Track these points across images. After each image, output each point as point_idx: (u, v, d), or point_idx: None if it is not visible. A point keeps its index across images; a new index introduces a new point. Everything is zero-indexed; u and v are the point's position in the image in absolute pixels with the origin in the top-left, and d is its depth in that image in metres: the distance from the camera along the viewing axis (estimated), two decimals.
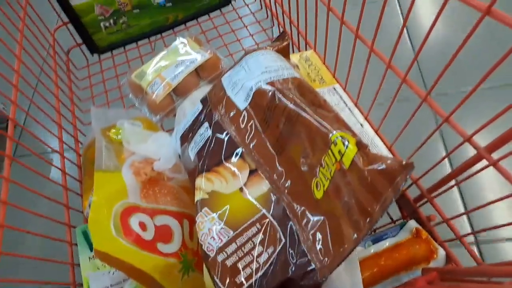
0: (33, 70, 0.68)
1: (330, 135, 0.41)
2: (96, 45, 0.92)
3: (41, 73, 0.71)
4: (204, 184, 0.51)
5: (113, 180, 0.56)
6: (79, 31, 0.89)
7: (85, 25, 0.88)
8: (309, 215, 0.42)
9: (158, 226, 0.55)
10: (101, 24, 0.90)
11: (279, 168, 0.47)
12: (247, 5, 1.00)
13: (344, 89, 0.63)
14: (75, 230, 0.62)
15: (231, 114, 0.54)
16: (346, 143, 0.39)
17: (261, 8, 0.99)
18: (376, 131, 0.56)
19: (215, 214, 0.48)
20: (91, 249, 0.60)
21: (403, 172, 0.34)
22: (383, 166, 0.36)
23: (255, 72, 0.54)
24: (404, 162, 0.35)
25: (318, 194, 0.42)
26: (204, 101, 0.60)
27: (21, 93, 0.62)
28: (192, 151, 0.56)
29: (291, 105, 0.47)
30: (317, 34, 0.68)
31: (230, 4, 0.98)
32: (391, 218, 0.62)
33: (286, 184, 0.46)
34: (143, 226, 0.54)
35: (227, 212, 0.47)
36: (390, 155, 0.55)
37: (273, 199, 0.46)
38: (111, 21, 0.90)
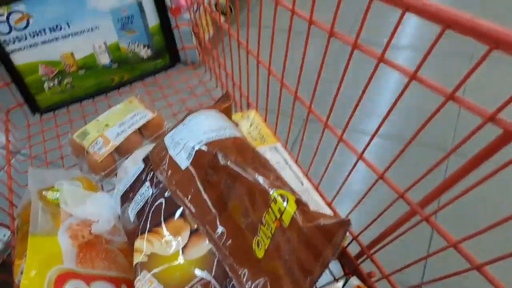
0: None
1: (270, 193, 0.42)
2: (38, 105, 0.90)
3: None
4: (143, 246, 0.49)
5: (48, 244, 0.53)
6: (21, 91, 0.87)
7: (28, 85, 0.87)
8: (251, 277, 0.41)
9: None
10: (45, 84, 0.88)
11: (220, 227, 0.47)
12: (192, 67, 1.03)
13: (285, 147, 0.65)
14: None
15: (173, 173, 0.53)
16: (286, 201, 0.40)
17: (205, 70, 1.02)
18: (316, 188, 0.58)
19: (154, 277, 0.47)
20: None
21: (341, 229, 0.35)
22: (322, 223, 0.37)
23: (197, 132, 0.55)
24: (341, 219, 0.36)
25: (259, 254, 0.42)
26: (146, 160, 0.60)
27: None
28: (132, 211, 0.55)
29: (231, 165, 0.47)
30: (258, 95, 0.70)
31: (174, 66, 1.00)
32: (333, 276, 0.62)
33: (227, 243, 0.45)
34: None
35: (168, 276, 0.46)
36: (330, 212, 0.56)
37: (214, 260, 0.45)
38: (56, 81, 0.89)
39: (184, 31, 1.03)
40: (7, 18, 0.81)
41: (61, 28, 0.86)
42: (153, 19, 0.93)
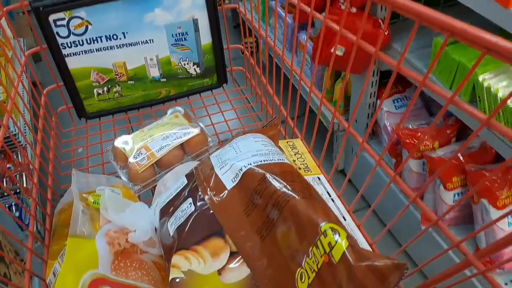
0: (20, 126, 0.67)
1: (321, 225, 0.41)
2: (85, 110, 0.92)
3: (26, 128, 0.70)
4: (181, 262, 0.49)
5: (86, 247, 0.53)
6: (71, 94, 0.89)
7: (79, 90, 0.89)
8: None
9: None
10: (95, 90, 0.91)
11: (262, 255, 0.46)
12: (238, 89, 1.04)
13: (329, 181, 0.64)
14: None
15: (217, 192, 0.53)
16: (337, 236, 0.39)
17: (251, 93, 1.03)
18: (358, 226, 0.56)
19: None
20: None
21: (396, 272, 0.34)
22: (376, 264, 0.35)
23: (245, 154, 0.54)
24: (397, 262, 0.34)
25: (302, 287, 0.41)
26: (189, 176, 0.60)
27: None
28: (171, 226, 0.55)
29: (281, 190, 0.47)
30: (306, 124, 0.70)
31: (222, 87, 1.01)
32: None
33: (268, 272, 0.44)
34: None
35: None
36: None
37: (252, 286, 0.44)
38: (105, 88, 0.91)
39: (234, 53, 1.05)
40: (68, 22, 0.84)
41: (117, 38, 0.88)
42: (206, 38, 0.94)
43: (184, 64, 0.95)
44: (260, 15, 0.86)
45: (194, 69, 0.96)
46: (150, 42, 0.90)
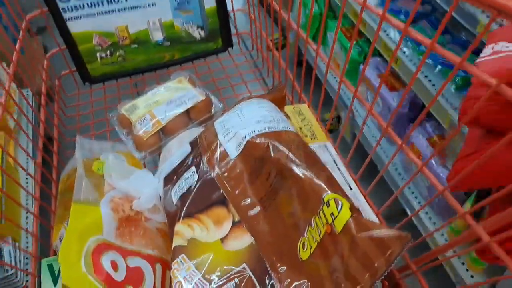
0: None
1: (324, 195, 0.40)
2: (89, 74, 0.91)
3: (28, 92, 0.69)
4: (184, 230, 0.49)
5: (90, 213, 0.54)
6: (74, 58, 0.88)
7: (81, 53, 0.88)
8: (291, 277, 0.40)
9: (130, 267, 0.52)
10: (97, 54, 0.89)
11: (264, 223, 0.46)
12: (244, 54, 1.01)
13: (335, 148, 0.63)
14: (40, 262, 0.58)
15: (220, 161, 0.52)
16: (340, 206, 0.38)
17: (257, 57, 1.01)
18: (365, 196, 0.56)
19: (192, 263, 0.46)
20: (54, 283, 0.57)
21: (398, 244, 0.33)
22: (378, 235, 0.35)
23: (249, 121, 0.53)
24: (400, 233, 0.34)
25: (304, 255, 0.41)
26: (193, 144, 0.59)
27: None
28: (175, 195, 0.54)
29: (284, 159, 0.46)
30: (313, 89, 0.68)
31: (227, 51, 0.99)
32: None
33: (270, 240, 0.44)
34: (114, 265, 0.51)
35: (206, 264, 0.45)
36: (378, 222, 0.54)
37: (255, 255, 0.44)
38: (108, 52, 0.89)
39: (239, 16, 1.02)
40: None
41: (118, 1, 0.86)
42: (209, 1, 0.91)
43: (188, 28, 0.93)
44: None
45: (198, 32, 0.94)
46: (153, 5, 0.88)
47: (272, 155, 0.47)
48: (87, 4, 0.84)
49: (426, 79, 1.07)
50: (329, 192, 0.40)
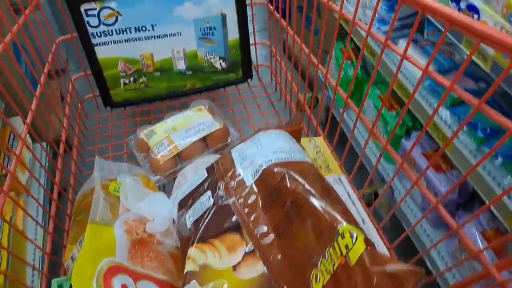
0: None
1: (338, 226, 0.40)
2: (111, 99, 0.94)
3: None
4: (197, 255, 0.49)
5: (105, 234, 0.54)
6: (98, 83, 0.91)
7: (106, 79, 0.90)
8: None
9: None
10: (121, 80, 0.92)
11: (277, 253, 0.46)
12: (263, 85, 1.03)
13: (350, 181, 0.63)
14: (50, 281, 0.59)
15: (237, 188, 0.53)
16: (355, 238, 0.38)
17: (275, 90, 1.02)
18: (377, 229, 0.56)
19: (201, 286, 0.46)
20: None
21: (412, 279, 0.33)
22: (392, 270, 0.35)
23: (267, 150, 0.54)
24: (414, 268, 0.34)
25: (317, 287, 0.40)
26: (210, 169, 0.60)
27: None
28: (189, 219, 0.55)
29: (299, 189, 0.46)
30: (329, 123, 0.69)
31: (246, 82, 1.01)
32: None
33: (283, 271, 0.44)
34: None
35: None
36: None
37: (267, 283, 0.44)
38: (132, 79, 0.92)
39: (260, 50, 1.05)
40: (98, 12, 0.85)
41: (145, 29, 0.89)
42: (233, 33, 0.94)
43: (210, 58, 0.95)
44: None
45: (220, 63, 0.96)
46: (178, 35, 0.91)
47: (288, 184, 0.47)
48: (116, 30, 0.87)
49: (484, 171, 1.00)
50: (345, 223, 0.40)
